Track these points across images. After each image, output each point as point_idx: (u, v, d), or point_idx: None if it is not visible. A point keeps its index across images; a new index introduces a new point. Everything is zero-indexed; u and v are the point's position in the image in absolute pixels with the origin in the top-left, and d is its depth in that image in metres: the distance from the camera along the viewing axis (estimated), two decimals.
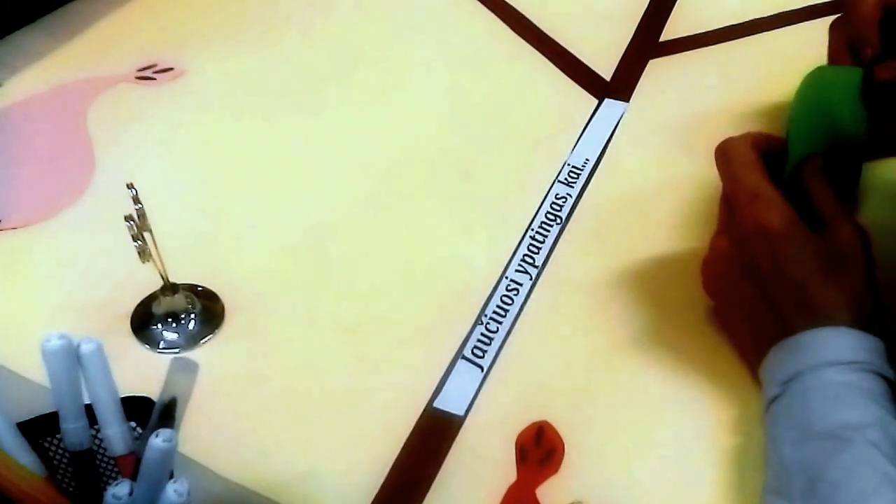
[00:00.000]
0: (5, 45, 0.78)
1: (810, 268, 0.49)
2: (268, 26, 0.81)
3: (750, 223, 0.51)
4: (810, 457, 0.43)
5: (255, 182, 0.65)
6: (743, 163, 0.53)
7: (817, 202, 0.52)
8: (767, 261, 0.49)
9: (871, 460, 0.42)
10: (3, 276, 0.58)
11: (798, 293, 0.48)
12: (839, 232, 0.50)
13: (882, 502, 0.40)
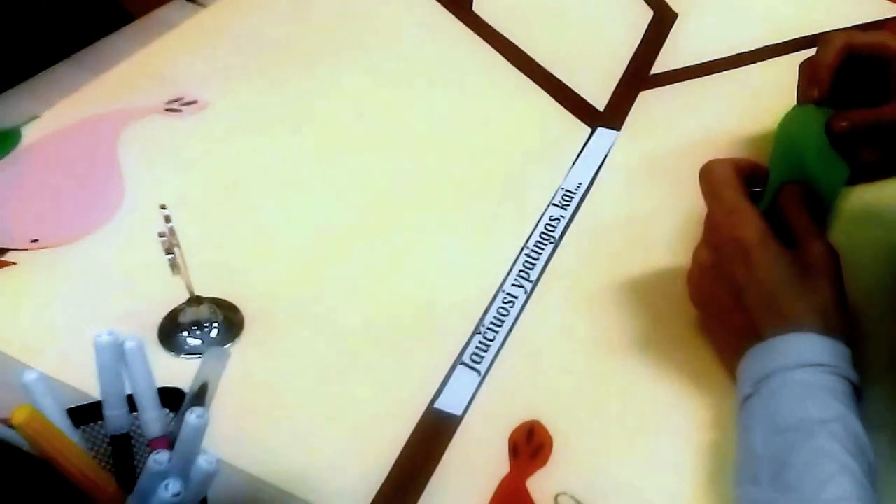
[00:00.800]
0: (42, 79, 0.85)
1: (782, 278, 0.54)
2: (281, 63, 0.87)
3: (727, 236, 0.56)
4: (777, 448, 0.48)
5: (272, 203, 0.71)
6: (723, 182, 0.58)
7: (792, 222, 0.58)
8: (742, 270, 0.54)
9: (831, 452, 0.46)
10: (41, 290, 0.63)
11: (770, 301, 0.53)
12: (811, 248, 0.55)
13: (838, 488, 0.45)
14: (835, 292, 0.54)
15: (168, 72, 0.86)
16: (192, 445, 0.37)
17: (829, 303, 0.54)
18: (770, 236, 0.55)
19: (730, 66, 0.87)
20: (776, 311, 0.53)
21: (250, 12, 0.95)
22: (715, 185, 0.58)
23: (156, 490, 0.35)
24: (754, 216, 0.56)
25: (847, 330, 0.54)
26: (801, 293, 0.53)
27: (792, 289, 0.53)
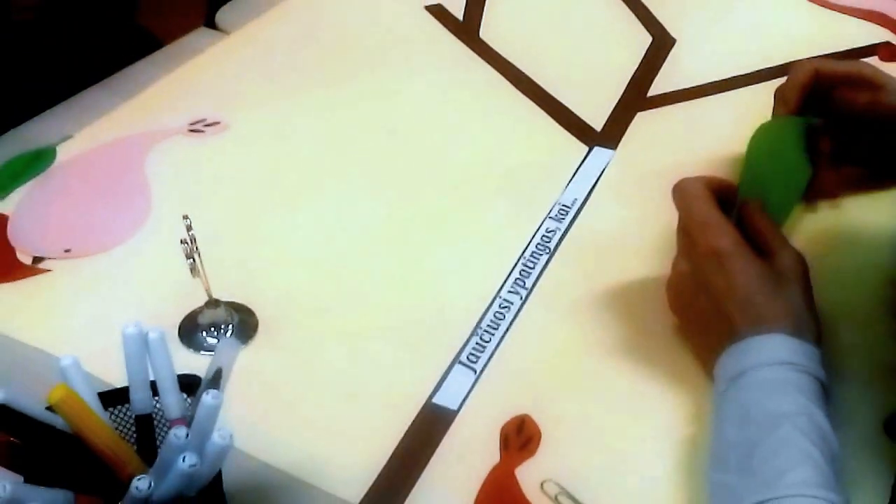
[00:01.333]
0: (75, 102, 0.91)
1: (756, 283, 0.58)
2: (297, 87, 0.93)
3: (703, 246, 0.60)
4: (746, 437, 0.52)
5: (286, 216, 0.76)
6: (696, 196, 0.63)
7: (761, 233, 0.62)
8: (719, 277, 0.59)
9: (795, 441, 0.51)
10: (74, 295, 0.69)
11: (745, 304, 0.58)
12: (782, 256, 0.60)
13: (799, 473, 0.49)
14: (805, 297, 0.59)
15: (192, 95, 0.92)
16: (208, 423, 0.42)
17: (800, 306, 0.58)
18: (743, 245, 0.60)
19: (724, 88, 0.92)
20: (751, 314, 0.57)
21: (269, 39, 1.02)
22: (688, 199, 0.63)
23: (175, 462, 0.40)
24: (727, 227, 0.61)
25: (816, 332, 0.58)
26: (774, 297, 0.58)
27: (765, 293, 0.58)
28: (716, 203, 0.63)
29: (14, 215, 0.76)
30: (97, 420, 0.43)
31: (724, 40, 1.00)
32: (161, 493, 0.41)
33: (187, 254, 0.58)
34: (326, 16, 1.06)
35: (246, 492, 0.55)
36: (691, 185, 0.64)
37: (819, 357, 0.56)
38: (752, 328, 0.57)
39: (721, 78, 0.93)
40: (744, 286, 0.58)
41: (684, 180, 0.65)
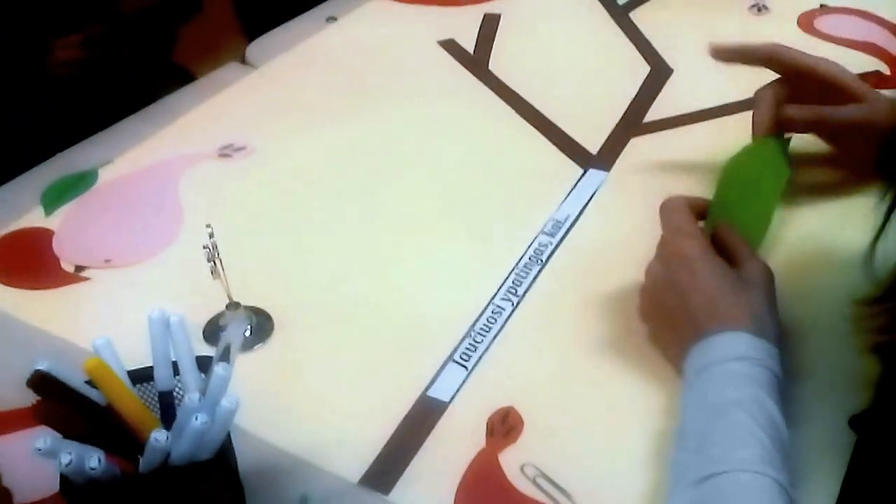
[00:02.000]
0: (115, 130, 1.00)
1: (721, 285, 0.65)
2: (318, 114, 1.01)
3: (674, 250, 0.67)
4: (702, 421, 0.59)
5: (303, 230, 0.84)
6: (675, 209, 0.70)
7: (733, 246, 0.69)
8: (687, 278, 0.66)
9: (745, 425, 0.57)
10: (111, 300, 0.77)
11: (710, 304, 0.64)
12: (749, 265, 0.67)
13: (746, 452, 0.55)
14: (767, 302, 0.65)
15: (221, 123, 1.01)
16: (219, 390, 0.49)
17: (761, 309, 0.64)
18: (711, 251, 0.67)
19: (717, 115, 0.99)
20: (715, 314, 0.64)
21: (293, 72, 1.11)
22: (668, 212, 0.70)
23: (189, 421, 0.47)
24: (698, 235, 0.67)
25: (776, 333, 0.64)
26: (737, 299, 0.64)
27: (729, 295, 0.64)
28: (693, 217, 0.70)
29: (59, 230, 0.85)
30: (124, 388, 0.50)
31: (720, 70, 1.06)
32: (178, 451, 0.49)
33: (209, 258, 0.66)
34: (347, 51, 1.15)
35: (258, 471, 0.62)
36: (674, 200, 0.72)
37: (776, 354, 0.62)
38: (715, 327, 0.63)
39: (714, 105, 1.00)
40: (709, 288, 0.65)
41: (670, 197, 0.72)
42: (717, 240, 0.70)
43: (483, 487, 0.61)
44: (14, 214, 0.87)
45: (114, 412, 0.51)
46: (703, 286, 0.65)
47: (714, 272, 0.65)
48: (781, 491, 0.53)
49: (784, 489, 0.53)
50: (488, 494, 0.61)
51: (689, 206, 0.70)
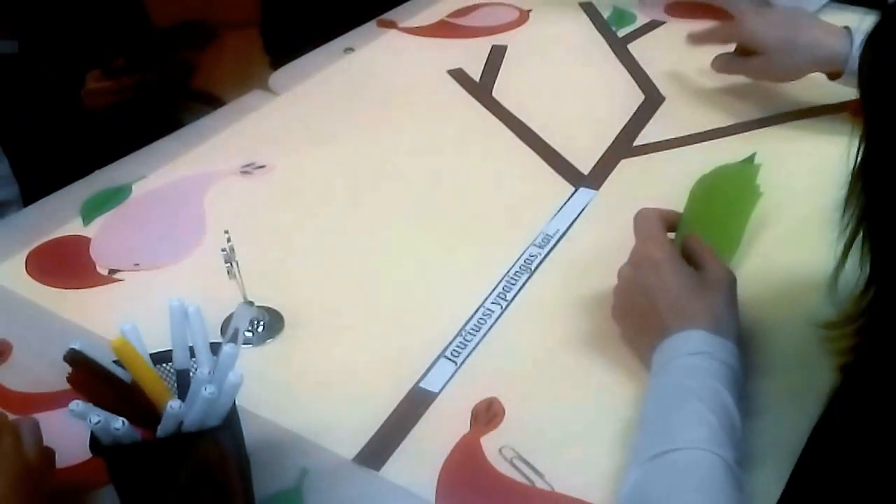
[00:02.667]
0: (149, 150, 1.08)
1: (685, 287, 0.71)
2: (332, 135, 1.09)
3: (644, 255, 0.73)
4: (660, 407, 0.65)
5: (312, 239, 0.91)
6: (647, 218, 0.77)
7: (699, 253, 0.75)
8: (655, 280, 0.72)
9: (699, 411, 0.62)
10: (139, 299, 0.84)
11: (675, 304, 0.70)
12: (713, 270, 0.73)
13: (697, 432, 0.61)
14: (727, 303, 0.71)
15: (245, 143, 1.09)
16: (226, 366, 0.56)
17: (720, 310, 0.70)
18: (677, 256, 0.73)
19: (702, 140, 1.05)
20: (679, 313, 0.70)
21: (312, 98, 1.18)
22: (641, 221, 0.77)
23: (199, 392, 0.54)
24: (666, 242, 0.74)
25: (734, 332, 0.70)
26: (698, 300, 0.70)
27: (692, 297, 0.70)
28: (663, 226, 0.76)
29: (95, 237, 0.93)
30: (146, 366, 0.57)
31: (709, 98, 1.13)
32: (190, 419, 0.55)
33: (226, 259, 0.73)
34: (362, 79, 1.23)
35: (265, 447, 0.68)
36: (647, 211, 0.78)
37: (734, 350, 0.68)
38: (678, 325, 0.69)
39: (700, 130, 1.06)
40: (674, 289, 0.71)
41: (644, 208, 0.78)
42: (686, 248, 0.76)
43: (464, 466, 0.67)
44: (56, 224, 0.95)
45: (137, 387, 0.58)
46: (668, 288, 0.71)
47: (679, 275, 0.71)
48: (727, 468, 0.59)
49: (730, 466, 0.59)
50: (469, 472, 0.67)
51: (660, 216, 0.77)
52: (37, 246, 0.92)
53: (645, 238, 0.75)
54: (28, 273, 0.89)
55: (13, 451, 0.58)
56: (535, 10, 1.40)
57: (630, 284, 0.74)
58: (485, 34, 1.33)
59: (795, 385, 0.72)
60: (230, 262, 0.74)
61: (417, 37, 1.35)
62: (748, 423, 0.66)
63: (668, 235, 0.77)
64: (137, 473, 0.57)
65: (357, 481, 0.67)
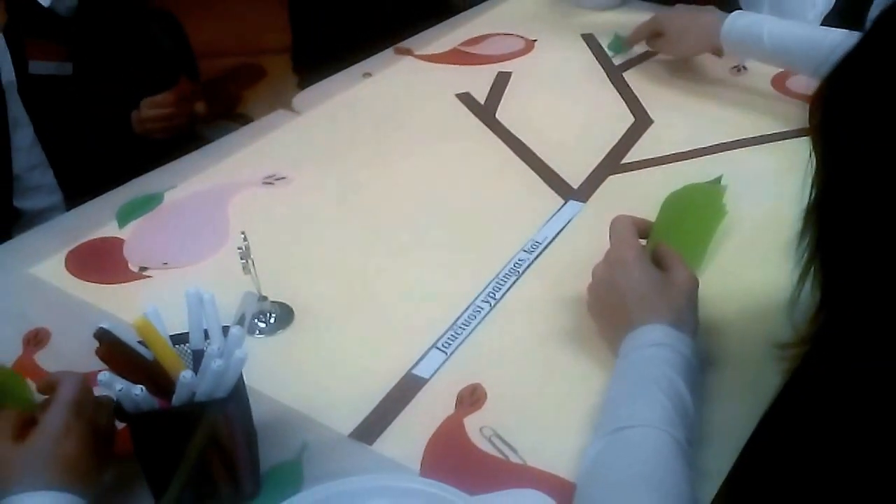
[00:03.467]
0: (180, 162, 1.16)
1: (650, 285, 0.76)
2: (347, 151, 1.15)
3: (616, 256, 0.79)
4: (620, 391, 0.70)
5: (323, 241, 0.98)
6: (620, 223, 0.82)
7: (667, 257, 0.80)
8: (624, 278, 0.77)
9: (654, 394, 0.67)
10: (166, 293, 0.91)
11: (641, 300, 0.75)
12: (677, 272, 0.78)
13: (650, 413, 0.66)
14: (687, 302, 0.76)
15: (268, 157, 1.15)
16: (234, 344, 0.62)
17: (681, 307, 0.75)
18: (645, 257, 0.78)
19: (686, 157, 1.10)
20: (644, 308, 0.75)
21: (332, 117, 1.25)
22: (615, 226, 0.82)
23: (210, 365, 0.60)
24: (636, 246, 0.79)
25: (693, 327, 0.75)
26: (663, 298, 0.75)
27: (656, 295, 0.75)
28: (635, 232, 0.81)
29: (128, 239, 1.00)
30: (165, 344, 0.64)
31: (691, 122, 1.19)
32: (201, 389, 0.62)
33: (242, 256, 0.80)
34: (378, 101, 1.30)
35: (271, 423, 0.74)
36: (622, 218, 0.83)
37: (691, 344, 0.73)
38: (643, 319, 0.74)
39: (683, 150, 1.11)
40: (640, 288, 0.76)
41: (619, 215, 0.84)
42: (656, 254, 0.81)
43: (448, 443, 0.73)
44: (94, 226, 1.03)
45: (157, 365, 0.65)
46: (635, 286, 0.76)
47: (646, 275, 0.76)
48: (677, 444, 0.64)
49: (680, 444, 0.64)
50: (451, 448, 0.72)
51: (633, 223, 0.82)
52: (76, 246, 0.99)
53: (618, 241, 0.80)
54: (67, 270, 0.96)
55: (88, 399, 0.65)
56: (540, 40, 1.47)
57: (602, 281, 0.79)
58: (493, 61, 1.40)
59: (746, 379, 0.76)
60: (245, 259, 0.80)
61: (431, 63, 1.41)
62: (705, 409, 0.71)
63: (641, 241, 0.82)
64: (155, 438, 0.63)
65: (351, 454, 0.72)
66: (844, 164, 0.56)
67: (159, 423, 0.63)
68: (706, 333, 0.79)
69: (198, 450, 0.64)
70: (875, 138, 0.52)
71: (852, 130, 0.54)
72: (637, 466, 0.63)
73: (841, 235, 0.57)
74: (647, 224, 0.85)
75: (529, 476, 0.69)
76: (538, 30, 1.49)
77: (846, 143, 0.55)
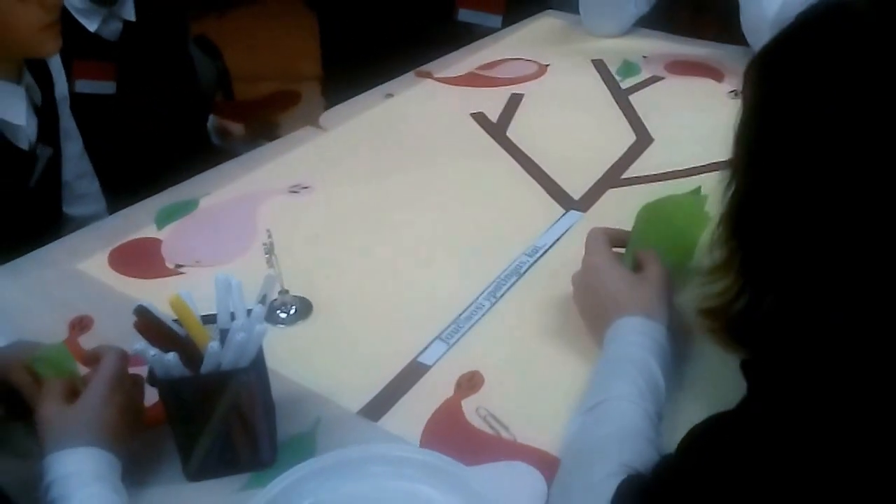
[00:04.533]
0: (213, 172, 1.24)
1: (619, 283, 0.83)
2: (368, 165, 1.24)
3: (589, 263, 0.86)
4: (603, 372, 0.77)
5: (341, 244, 1.05)
6: (594, 234, 0.89)
7: (644, 258, 0.87)
8: (596, 281, 0.84)
9: (630, 374, 0.74)
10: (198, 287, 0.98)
11: (613, 299, 0.82)
12: (649, 269, 0.84)
13: (626, 389, 0.72)
14: (657, 295, 0.82)
15: (295, 168, 1.24)
16: (255, 320, 0.70)
17: (652, 300, 0.81)
18: (614, 261, 0.85)
19: (684, 175, 1.16)
20: (617, 305, 0.82)
21: (355, 134, 1.34)
22: (590, 237, 0.89)
23: (234, 338, 0.68)
24: (606, 251, 0.86)
25: (664, 316, 0.81)
26: (633, 294, 0.82)
27: (628, 291, 0.82)
28: (607, 241, 0.89)
29: (165, 240, 1.09)
30: (195, 318, 0.71)
31: (688, 142, 1.25)
32: (226, 359, 0.69)
33: (266, 251, 0.88)
34: (398, 119, 1.38)
35: (288, 400, 0.81)
36: (596, 229, 0.91)
37: (663, 331, 0.79)
38: (618, 314, 0.81)
39: (680, 168, 1.17)
40: (611, 287, 0.83)
41: (594, 227, 0.91)
42: (637, 258, 0.88)
43: (446, 420, 0.80)
44: (135, 228, 1.11)
45: (188, 340, 0.72)
46: (606, 286, 0.83)
47: (614, 276, 0.84)
48: (646, 415, 0.70)
49: (649, 415, 0.70)
50: (448, 425, 0.79)
51: (605, 233, 0.89)
52: (118, 245, 1.08)
53: (590, 250, 0.87)
54: (110, 266, 1.04)
55: (125, 375, 0.73)
56: (552, 64, 1.54)
57: (580, 285, 0.87)
58: (506, 84, 1.48)
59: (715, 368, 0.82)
60: (269, 254, 0.88)
61: (449, 85, 1.50)
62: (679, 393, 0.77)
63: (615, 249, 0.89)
64: (184, 402, 0.71)
65: (359, 429, 0.79)
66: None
67: (187, 388, 0.70)
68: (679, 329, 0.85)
69: (222, 415, 0.71)
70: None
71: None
72: (608, 429, 0.70)
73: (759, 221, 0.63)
74: (622, 233, 0.91)
75: (519, 451, 0.76)
76: (551, 55, 1.57)
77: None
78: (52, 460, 0.67)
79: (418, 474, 0.72)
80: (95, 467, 0.67)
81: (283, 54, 3.48)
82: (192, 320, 0.71)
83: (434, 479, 0.71)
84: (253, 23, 3.89)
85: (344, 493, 0.71)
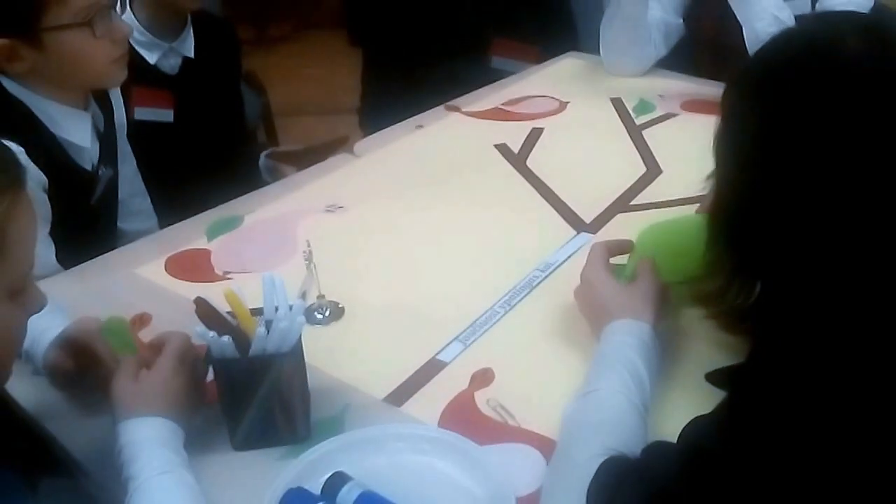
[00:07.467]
0: (257, 193, 1.38)
1: (609, 293, 0.94)
2: (396, 187, 1.36)
3: (584, 276, 0.98)
4: (596, 368, 0.87)
5: (371, 257, 1.18)
6: (595, 250, 1.00)
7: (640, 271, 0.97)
8: (591, 293, 0.96)
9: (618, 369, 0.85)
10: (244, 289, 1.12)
11: (606, 308, 0.93)
12: (642, 278, 0.95)
13: (614, 382, 0.83)
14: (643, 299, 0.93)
15: (331, 191, 1.37)
16: (296, 312, 0.82)
17: (639, 305, 0.92)
18: (607, 275, 0.96)
19: (687, 203, 1.27)
20: (608, 311, 0.93)
21: (387, 161, 1.47)
22: (591, 252, 1.00)
23: (277, 325, 0.80)
24: (600, 265, 0.97)
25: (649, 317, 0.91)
26: (622, 302, 0.93)
27: (616, 301, 0.93)
28: (605, 255, 0.99)
29: (215, 250, 1.22)
30: (245, 308, 0.84)
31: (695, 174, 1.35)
32: (270, 344, 0.81)
33: (305, 258, 1.00)
34: (427, 148, 1.51)
35: (320, 389, 0.93)
36: (597, 245, 1.02)
37: (648, 330, 0.90)
38: (608, 318, 0.92)
39: (686, 196, 1.28)
40: (603, 297, 0.94)
41: (596, 243, 1.02)
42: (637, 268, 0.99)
43: (460, 409, 0.91)
44: (188, 240, 1.25)
45: (238, 329, 0.85)
46: (602, 296, 0.95)
47: (605, 287, 0.95)
48: (632, 404, 0.81)
49: (634, 405, 0.81)
50: (462, 413, 0.90)
51: (605, 247, 1.00)
52: (174, 254, 1.21)
53: (588, 265, 0.99)
54: (166, 271, 1.18)
55: (191, 353, 0.85)
56: (572, 102, 1.67)
57: (579, 298, 0.98)
58: (529, 118, 1.60)
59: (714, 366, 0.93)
60: (308, 261, 1.01)
61: (475, 119, 1.63)
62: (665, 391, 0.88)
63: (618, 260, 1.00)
64: (234, 381, 0.83)
65: (383, 413, 0.91)
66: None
67: (237, 368, 0.82)
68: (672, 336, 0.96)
69: (265, 394, 0.83)
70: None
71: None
72: (596, 415, 0.81)
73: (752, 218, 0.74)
74: (625, 243, 1.02)
75: (522, 435, 0.87)
76: (572, 93, 1.70)
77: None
78: (123, 427, 0.79)
79: (434, 450, 0.83)
80: (162, 434, 0.79)
81: (324, 88, 3.66)
82: (243, 310, 0.84)
83: (448, 455, 0.82)
84: (298, 58, 4.08)
85: (367, 466, 0.83)
